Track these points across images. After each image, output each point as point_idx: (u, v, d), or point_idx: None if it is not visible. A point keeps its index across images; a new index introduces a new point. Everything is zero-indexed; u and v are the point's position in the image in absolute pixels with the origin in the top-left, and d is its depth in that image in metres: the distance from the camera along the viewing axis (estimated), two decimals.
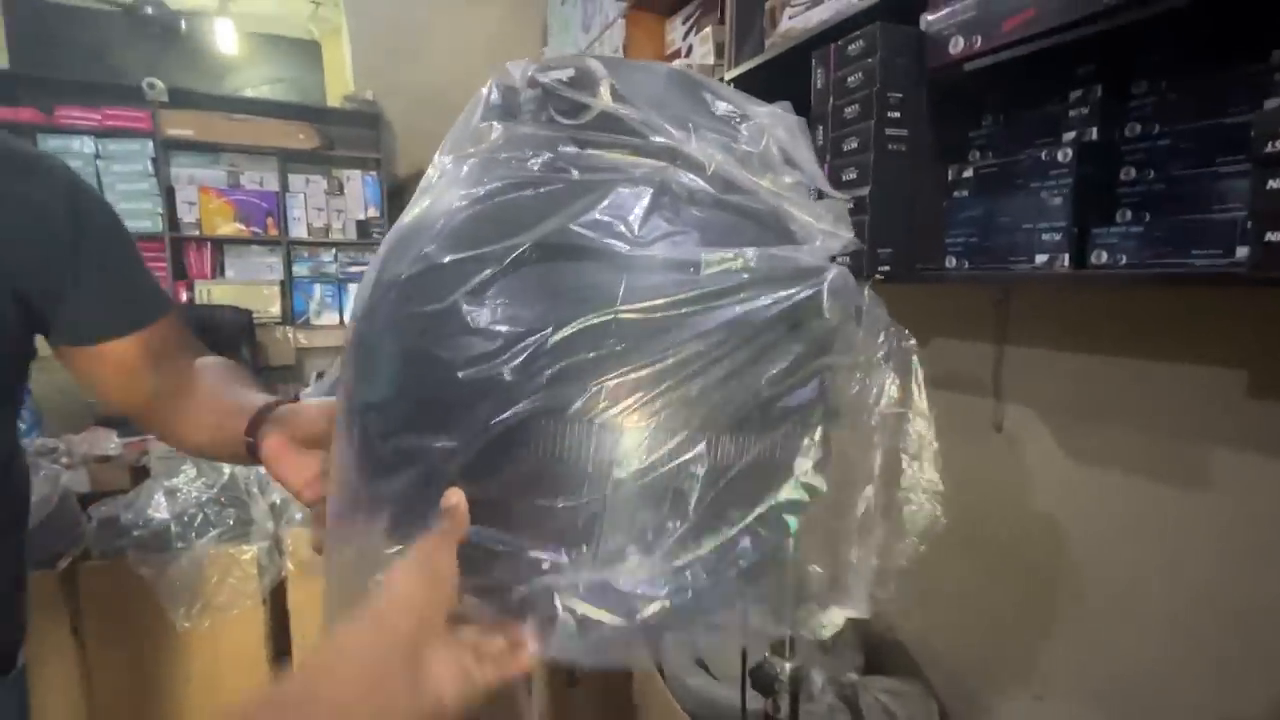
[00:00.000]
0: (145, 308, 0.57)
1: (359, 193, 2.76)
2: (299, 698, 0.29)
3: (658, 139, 0.33)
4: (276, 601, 1.37)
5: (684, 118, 0.35)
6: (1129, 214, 0.72)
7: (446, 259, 0.31)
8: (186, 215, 2.53)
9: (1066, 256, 0.71)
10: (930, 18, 0.79)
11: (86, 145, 2.42)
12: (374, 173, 2.79)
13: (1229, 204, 0.65)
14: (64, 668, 1.22)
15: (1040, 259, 0.73)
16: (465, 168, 0.36)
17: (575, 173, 0.32)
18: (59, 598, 1.20)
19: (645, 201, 0.31)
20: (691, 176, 0.32)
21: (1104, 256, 0.71)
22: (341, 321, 2.82)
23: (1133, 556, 0.84)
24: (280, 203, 2.65)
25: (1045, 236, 0.73)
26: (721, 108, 0.37)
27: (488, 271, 0.30)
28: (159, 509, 1.25)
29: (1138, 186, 0.72)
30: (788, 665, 0.71)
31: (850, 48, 0.84)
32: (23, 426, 1.50)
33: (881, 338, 0.36)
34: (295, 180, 2.70)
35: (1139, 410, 0.82)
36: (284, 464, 0.49)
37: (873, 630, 1.22)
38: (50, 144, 2.35)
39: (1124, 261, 0.69)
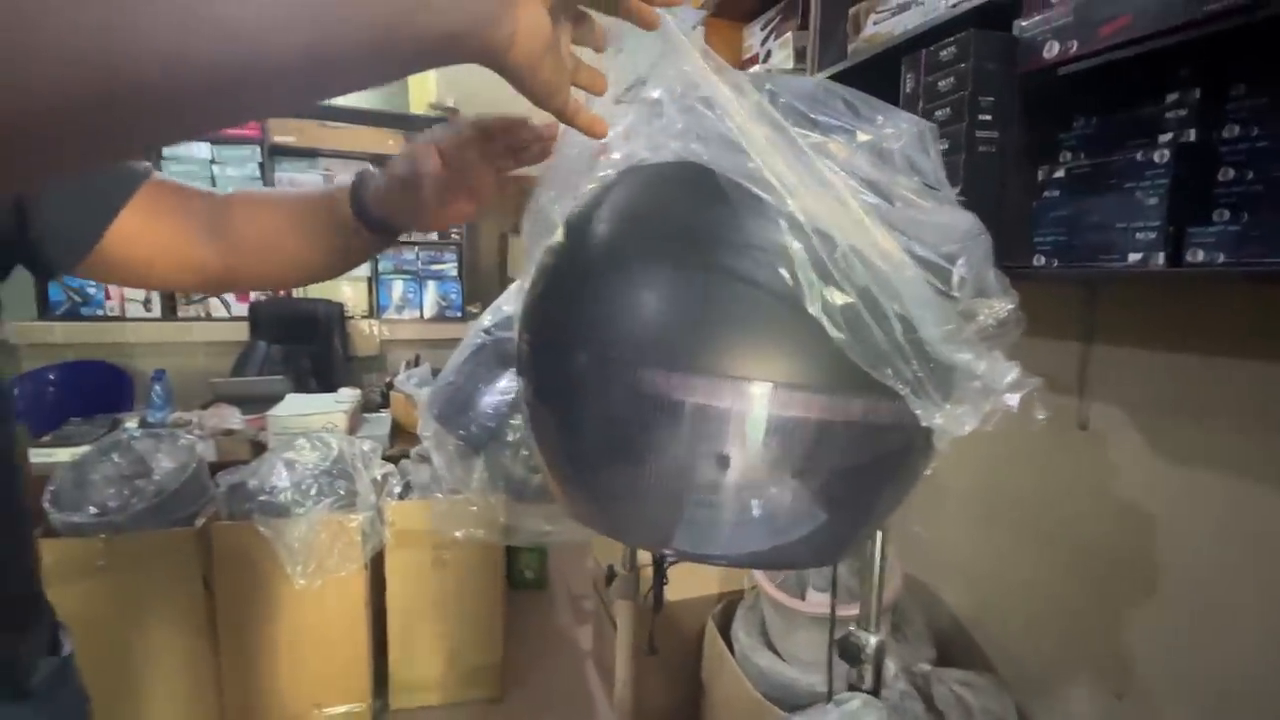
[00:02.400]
0: (120, 183, 0.51)
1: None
2: None
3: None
4: (375, 569, 1.50)
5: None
6: (1226, 214, 0.73)
7: None
8: None
9: (1162, 255, 0.72)
10: (1024, 23, 0.82)
11: (202, 150, 2.67)
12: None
13: None
14: (195, 615, 1.37)
15: (1134, 257, 0.75)
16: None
17: None
18: (193, 554, 1.35)
19: None
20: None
21: (1200, 255, 0.72)
22: (421, 316, 2.98)
23: (1223, 558, 0.84)
24: None
25: (1139, 235, 0.75)
26: (864, 111, 0.42)
27: None
28: (280, 477, 1.39)
29: (1235, 187, 0.73)
30: (873, 638, 0.75)
31: (942, 53, 0.88)
32: (158, 402, 1.68)
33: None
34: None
35: (1230, 409, 0.82)
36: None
37: (945, 623, 1.24)
38: (171, 149, 2.60)
39: (1221, 260, 0.71)
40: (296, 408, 1.68)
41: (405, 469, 1.61)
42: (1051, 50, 0.79)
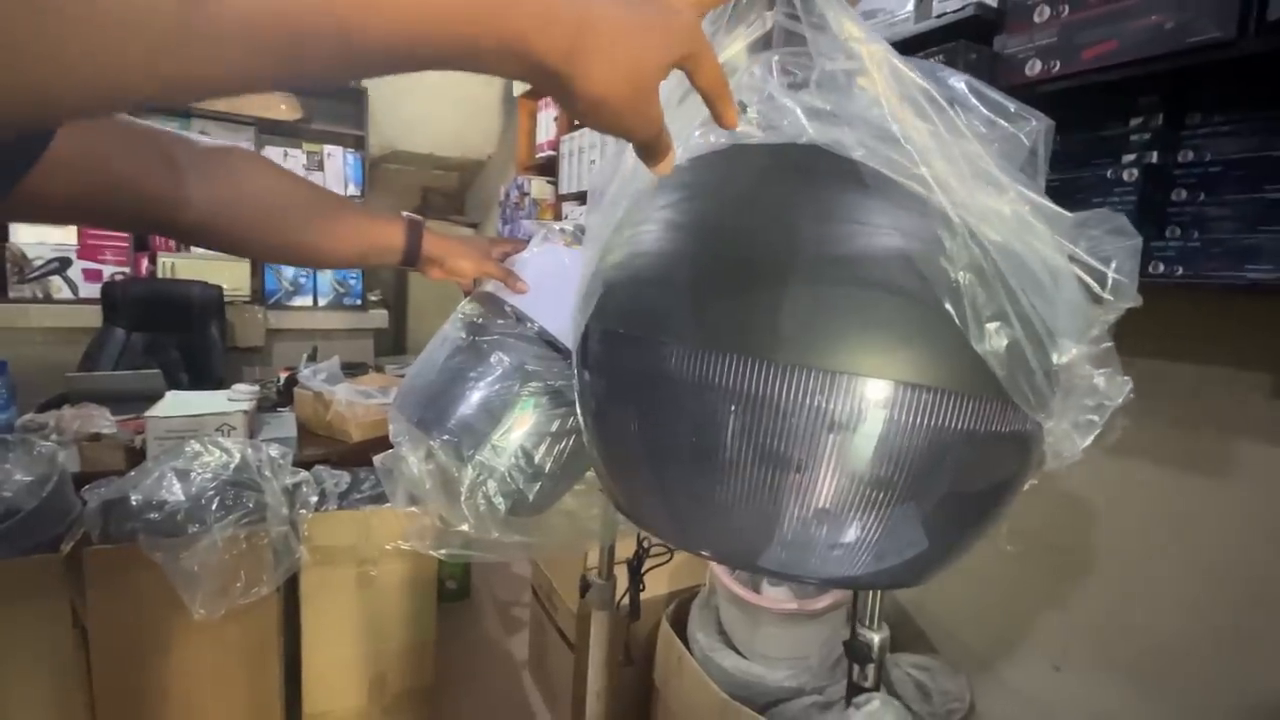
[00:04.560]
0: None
1: (340, 170, 2.66)
2: None
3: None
4: (287, 591, 1.32)
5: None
6: (1178, 230, 0.81)
7: None
8: None
9: None
10: (1008, 40, 0.86)
11: None
12: (356, 150, 2.68)
13: (1274, 226, 0.74)
14: (62, 660, 1.13)
15: None
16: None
17: None
18: (59, 586, 1.12)
19: None
20: None
21: (1160, 268, 0.80)
22: (315, 303, 2.70)
23: (1149, 540, 0.94)
24: None
25: None
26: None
27: None
28: (171, 490, 1.18)
29: (1188, 207, 0.81)
30: (876, 636, 0.75)
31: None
32: None
33: None
34: (272, 153, 2.56)
35: (1164, 406, 0.92)
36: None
37: (892, 611, 1.30)
38: None
39: (1180, 273, 0.78)
40: (182, 407, 1.44)
41: (320, 476, 1.43)
42: (1034, 68, 0.84)
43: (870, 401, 0.35)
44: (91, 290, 2.28)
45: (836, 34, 0.35)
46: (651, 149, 0.34)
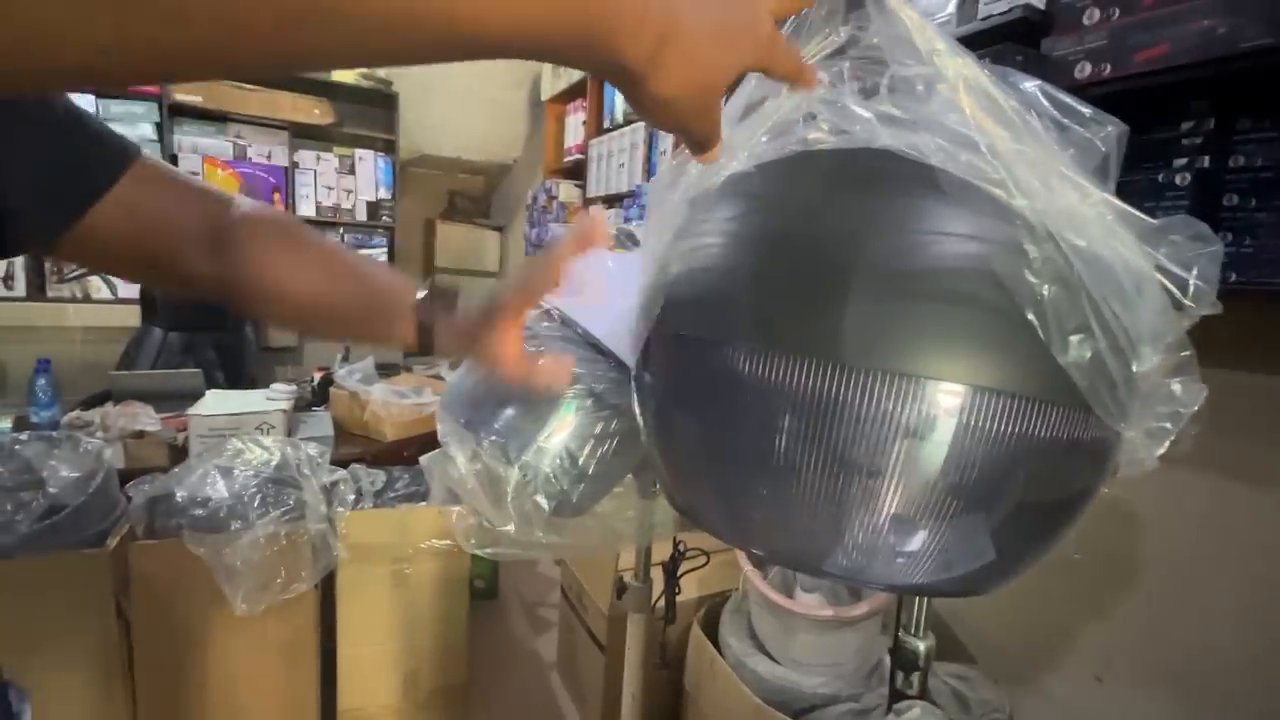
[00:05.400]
0: (106, 161, 0.44)
1: (370, 173, 2.70)
2: None
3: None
4: (325, 588, 1.34)
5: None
6: (1229, 236, 0.80)
7: None
8: None
9: None
10: (1057, 42, 0.85)
11: (86, 105, 2.29)
12: (386, 154, 2.73)
13: None
14: (107, 652, 1.16)
15: None
16: None
17: None
18: (105, 580, 1.15)
19: None
20: None
21: None
22: None
23: (1199, 550, 0.92)
24: (289, 178, 2.56)
25: None
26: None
27: None
28: (216, 487, 1.21)
29: (1240, 213, 0.80)
30: (922, 644, 0.75)
31: None
32: (43, 399, 1.41)
33: None
34: (305, 156, 2.61)
35: (1214, 414, 0.90)
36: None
37: (930, 619, 1.28)
38: None
39: (1233, 279, 0.77)
40: (223, 406, 1.47)
41: (356, 474, 1.46)
42: (1084, 71, 0.83)
43: (943, 407, 0.35)
44: (130, 290, 2.34)
45: (916, 44, 0.35)
46: (704, 144, 0.35)
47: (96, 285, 2.36)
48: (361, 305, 0.50)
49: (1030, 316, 0.32)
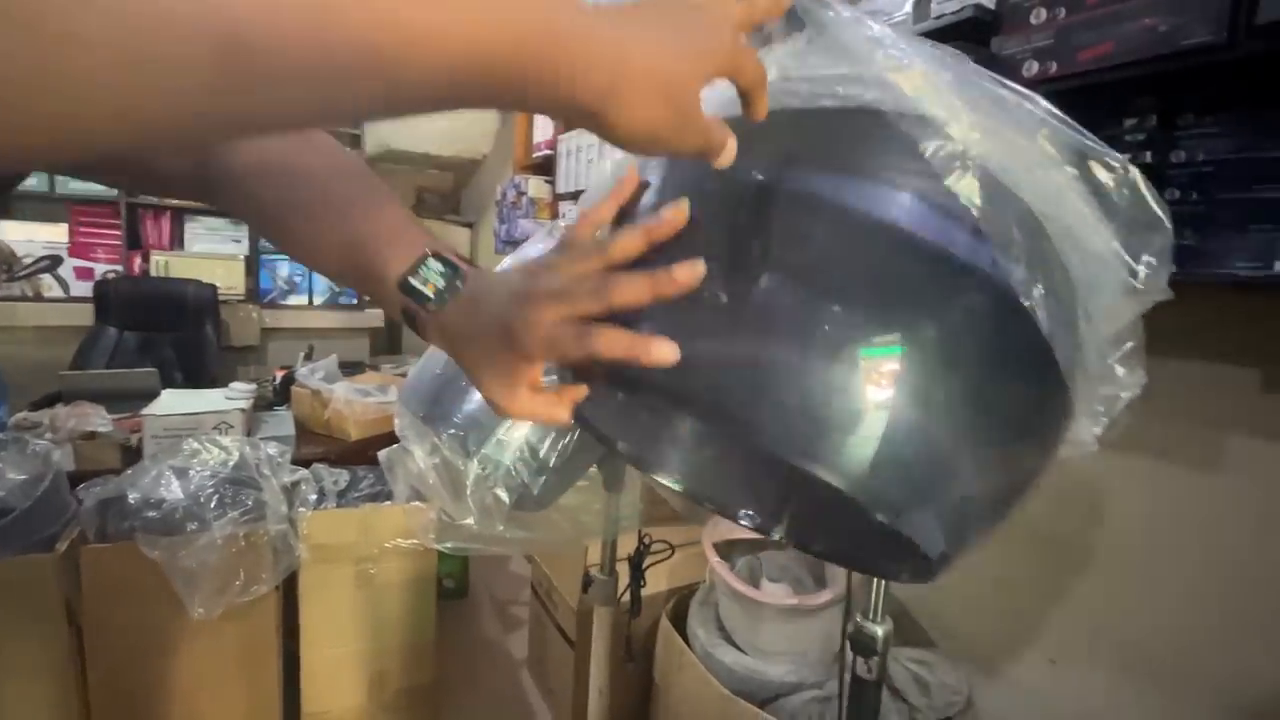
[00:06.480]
0: None
1: None
2: None
3: None
4: (286, 590, 1.32)
5: None
6: (1171, 229, 0.83)
7: None
8: None
9: None
10: (1005, 41, 0.87)
11: None
12: (352, 149, 2.67)
13: (1264, 224, 0.76)
14: (57, 660, 1.13)
15: None
16: None
17: None
18: (54, 585, 1.11)
19: None
20: None
21: None
22: (310, 302, 2.69)
23: (1147, 535, 0.96)
24: None
25: None
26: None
27: None
28: (170, 489, 1.18)
29: (1180, 207, 0.82)
30: (880, 629, 0.76)
31: None
32: None
33: None
34: None
35: (1161, 402, 0.93)
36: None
37: (891, 606, 1.31)
38: None
39: (1174, 270, 0.80)
40: (179, 405, 1.44)
41: (319, 474, 1.43)
42: (1031, 69, 0.85)
43: None
44: (83, 289, 2.27)
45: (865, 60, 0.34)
46: (706, 153, 0.33)
47: (49, 284, 2.27)
48: (349, 275, 0.43)
49: (1026, 302, 0.32)
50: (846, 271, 0.33)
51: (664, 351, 0.33)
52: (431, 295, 0.39)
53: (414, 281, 0.39)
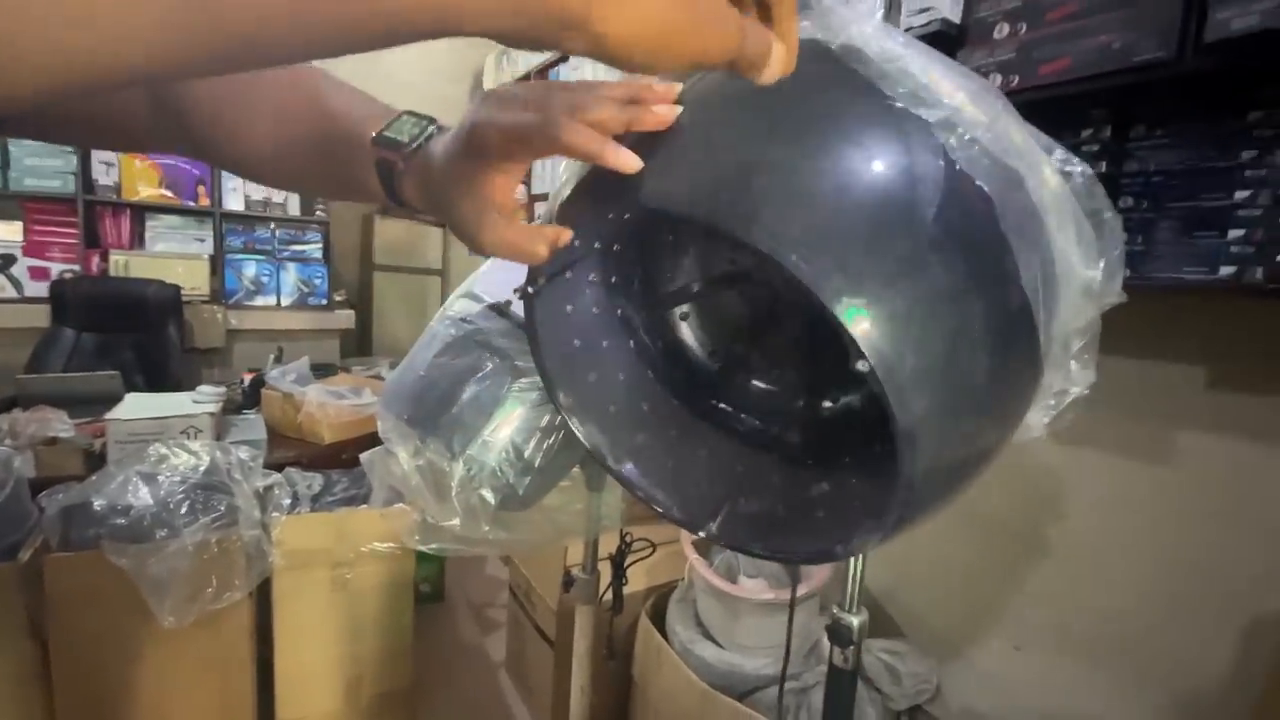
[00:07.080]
0: None
1: None
2: None
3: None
4: (260, 596, 1.30)
5: None
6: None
7: None
8: (103, 177, 2.26)
9: None
10: (972, 54, 0.91)
11: None
12: None
13: (1209, 231, 0.81)
14: (20, 673, 1.09)
15: None
16: None
17: None
18: (15, 596, 1.07)
19: None
20: None
21: None
22: (278, 303, 2.63)
23: (1101, 526, 1.01)
24: (214, 170, 2.43)
25: None
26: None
27: None
28: (138, 495, 1.15)
29: (1133, 214, 0.87)
30: (855, 620, 0.79)
31: None
32: None
33: None
34: None
35: (1110, 399, 0.98)
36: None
37: (864, 598, 1.34)
38: None
39: (1126, 275, 0.84)
40: (144, 409, 1.40)
41: (292, 478, 1.41)
42: (995, 82, 0.89)
43: None
44: (38, 289, 2.18)
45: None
46: (746, 60, 0.27)
47: (1, 284, 2.18)
48: (320, 153, 0.42)
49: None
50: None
51: (627, 158, 0.31)
52: (407, 139, 0.38)
53: (389, 133, 0.38)
